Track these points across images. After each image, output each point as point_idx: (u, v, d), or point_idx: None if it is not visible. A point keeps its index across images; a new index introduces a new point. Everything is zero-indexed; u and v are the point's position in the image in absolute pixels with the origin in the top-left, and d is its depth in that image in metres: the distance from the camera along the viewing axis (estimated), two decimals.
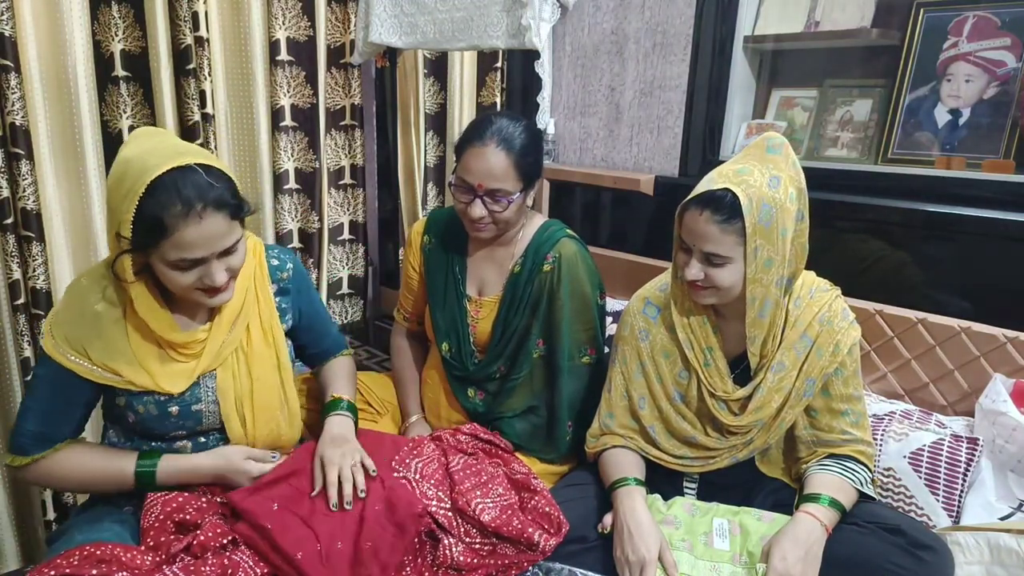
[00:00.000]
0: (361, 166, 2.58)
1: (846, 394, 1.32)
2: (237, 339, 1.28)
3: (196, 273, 1.13)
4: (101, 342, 1.18)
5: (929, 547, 1.17)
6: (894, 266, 1.66)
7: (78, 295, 1.20)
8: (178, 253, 1.09)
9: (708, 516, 1.30)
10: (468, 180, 1.45)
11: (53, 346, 1.18)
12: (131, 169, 1.07)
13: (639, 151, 2.11)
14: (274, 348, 1.32)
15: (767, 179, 1.19)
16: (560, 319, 1.50)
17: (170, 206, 1.05)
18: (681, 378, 1.37)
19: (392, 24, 2.23)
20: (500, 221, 1.49)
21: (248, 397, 1.29)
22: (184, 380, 1.23)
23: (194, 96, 1.94)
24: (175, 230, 1.06)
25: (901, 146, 1.74)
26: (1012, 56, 1.58)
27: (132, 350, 1.19)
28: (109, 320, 1.18)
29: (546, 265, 1.52)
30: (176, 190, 1.06)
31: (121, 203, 1.06)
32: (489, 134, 1.44)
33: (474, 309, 1.60)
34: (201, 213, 1.07)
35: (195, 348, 1.24)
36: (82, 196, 1.87)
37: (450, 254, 1.62)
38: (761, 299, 1.23)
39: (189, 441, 1.28)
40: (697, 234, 1.21)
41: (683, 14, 1.94)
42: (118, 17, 1.87)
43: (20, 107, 1.69)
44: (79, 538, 1.16)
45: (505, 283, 1.57)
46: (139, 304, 1.17)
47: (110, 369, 1.18)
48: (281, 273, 1.37)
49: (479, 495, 1.30)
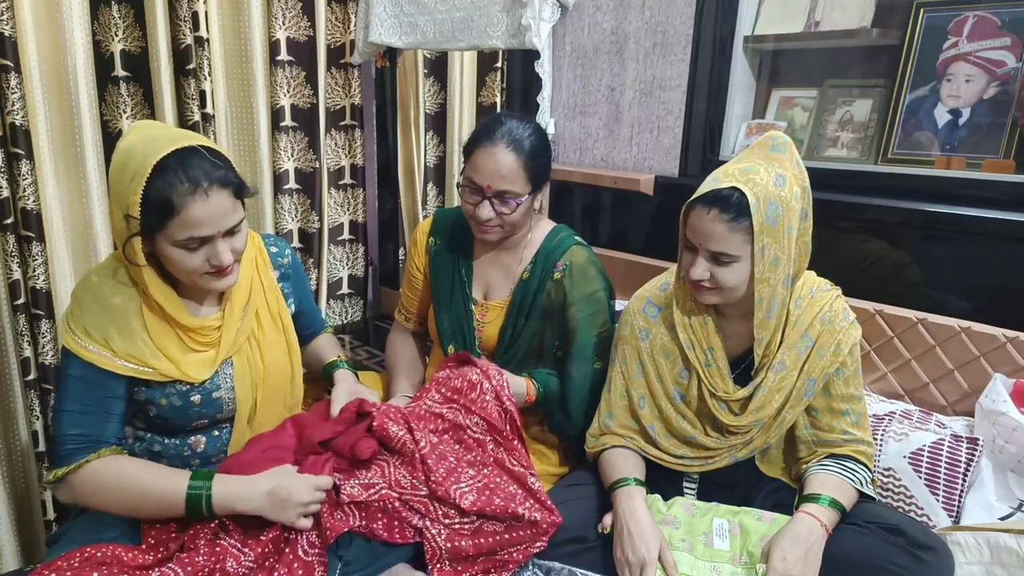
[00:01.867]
0: (361, 166, 2.58)
1: (847, 394, 1.32)
2: (249, 326, 1.30)
3: (203, 254, 1.14)
4: (122, 334, 1.18)
5: (929, 547, 1.17)
6: (894, 266, 1.66)
7: (91, 291, 1.19)
8: (186, 232, 1.10)
9: (708, 516, 1.30)
10: (477, 181, 1.44)
11: (75, 342, 1.17)
12: (134, 154, 1.09)
13: (639, 151, 2.11)
14: (283, 333, 1.36)
15: (773, 177, 1.19)
16: (576, 327, 1.51)
17: (177, 184, 1.08)
18: (681, 378, 1.37)
19: (392, 24, 2.23)
20: (508, 224, 1.48)
21: (261, 383, 1.31)
22: (207, 368, 1.24)
23: (194, 96, 1.94)
24: (183, 208, 1.08)
25: (901, 146, 1.74)
26: (1012, 56, 1.58)
27: (153, 340, 1.19)
28: (127, 312, 1.18)
29: (556, 273, 1.52)
30: (182, 169, 1.08)
31: (128, 186, 1.08)
32: (499, 134, 1.43)
33: (480, 313, 1.59)
34: (207, 191, 1.10)
35: (211, 335, 1.25)
36: (82, 196, 1.87)
37: (456, 256, 1.61)
38: (769, 299, 1.23)
39: (203, 435, 1.29)
40: (704, 233, 1.21)
41: (683, 14, 1.94)
42: (118, 17, 1.87)
43: (20, 107, 1.69)
44: (79, 539, 1.16)
45: (514, 289, 1.57)
46: (152, 289, 1.17)
47: (135, 360, 1.18)
48: (281, 259, 1.40)
49: (452, 480, 1.29)
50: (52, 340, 1.82)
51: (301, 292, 1.46)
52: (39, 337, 1.79)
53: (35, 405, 1.81)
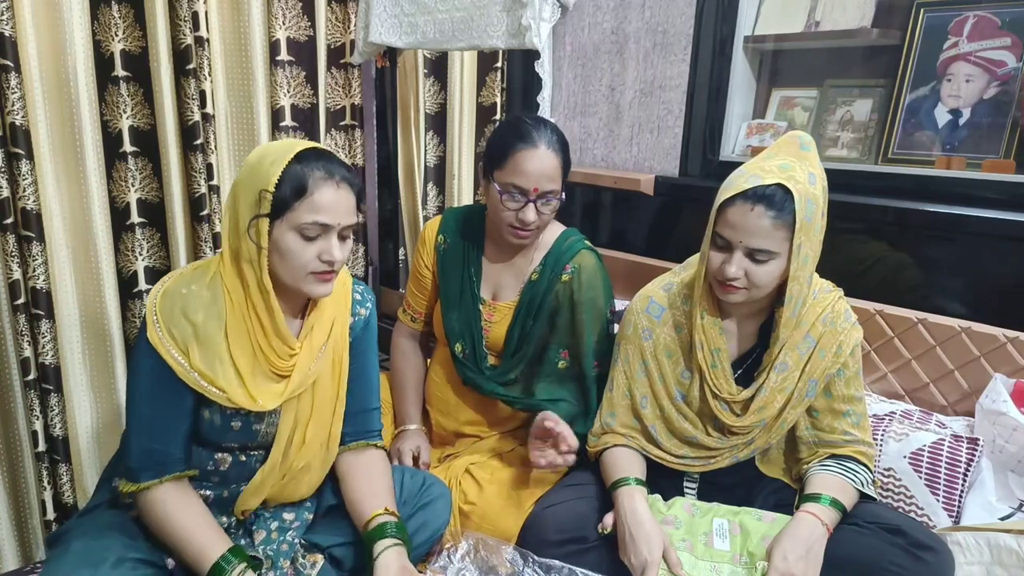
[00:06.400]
0: (361, 166, 2.57)
1: (848, 395, 1.32)
2: (319, 370, 1.28)
3: (317, 248, 1.16)
4: (202, 347, 1.17)
5: (929, 547, 1.18)
6: (894, 266, 1.66)
7: (181, 297, 1.18)
8: (312, 215, 1.14)
9: (708, 516, 1.30)
10: (523, 184, 1.42)
11: (160, 338, 1.15)
12: (274, 147, 1.18)
13: (639, 151, 2.11)
14: (338, 381, 1.32)
15: (807, 175, 1.20)
16: (582, 328, 1.51)
17: (314, 170, 1.15)
18: (683, 378, 1.37)
19: (392, 24, 2.23)
20: (543, 224, 1.49)
21: (304, 426, 1.28)
22: (275, 399, 1.21)
23: (194, 96, 1.93)
24: (315, 190, 1.14)
25: (901, 146, 1.74)
26: (1012, 56, 1.58)
27: (231, 358, 1.18)
28: (211, 326, 1.17)
29: (565, 275, 1.53)
30: (319, 160, 1.17)
31: (268, 168, 1.14)
32: (537, 136, 1.43)
33: (488, 313, 1.59)
34: (339, 183, 1.17)
35: (287, 362, 1.23)
36: (82, 196, 1.87)
37: (466, 255, 1.61)
38: (797, 297, 1.24)
39: (231, 456, 1.26)
40: (747, 230, 1.19)
41: (683, 14, 1.94)
42: (118, 17, 1.87)
43: (20, 107, 1.68)
44: (76, 544, 1.15)
45: (522, 290, 1.57)
46: (254, 285, 1.17)
47: (207, 378, 1.17)
48: (360, 309, 1.37)
49: None
50: (52, 340, 1.81)
51: (359, 351, 1.36)
52: (39, 337, 1.79)
53: (35, 405, 1.80)
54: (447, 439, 1.69)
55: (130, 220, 1.96)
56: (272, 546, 1.27)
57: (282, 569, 1.25)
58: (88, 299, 1.92)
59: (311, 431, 1.29)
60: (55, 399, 1.84)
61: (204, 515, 1.20)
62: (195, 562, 1.16)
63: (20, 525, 1.91)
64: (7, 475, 1.86)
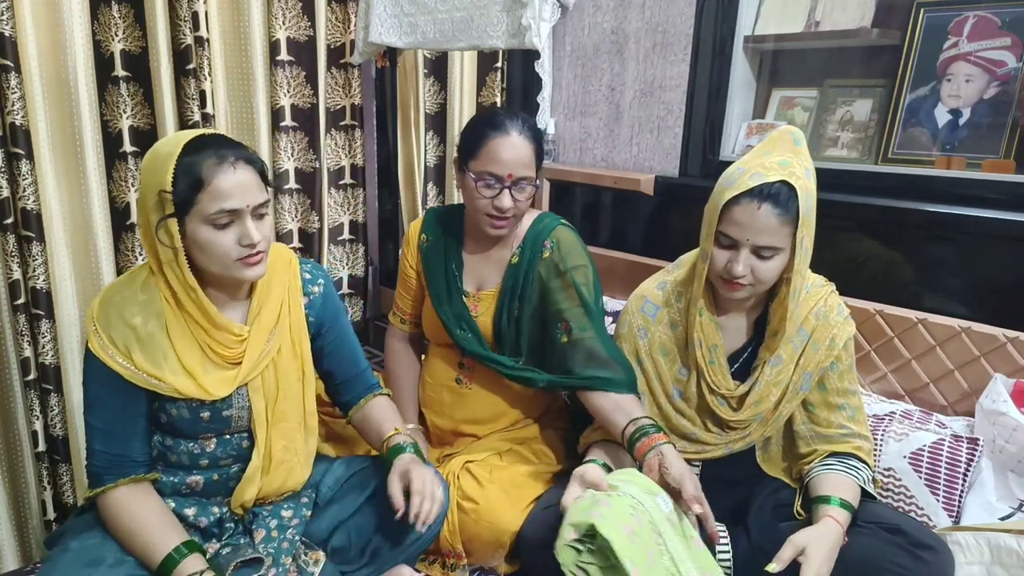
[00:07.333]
0: (361, 166, 2.58)
1: (842, 388, 1.33)
2: (272, 353, 1.29)
3: (233, 234, 1.16)
4: (144, 349, 1.18)
5: (929, 547, 1.18)
6: (894, 266, 1.66)
7: (115, 304, 1.20)
8: (216, 203, 1.13)
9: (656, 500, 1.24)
10: (496, 171, 1.44)
11: (101, 348, 1.18)
12: (165, 142, 1.17)
13: (639, 151, 2.11)
14: (300, 359, 1.34)
15: (804, 170, 1.21)
16: (576, 293, 1.49)
17: (205, 159, 1.14)
18: (680, 375, 1.37)
19: (392, 24, 2.23)
20: (520, 212, 1.49)
21: (272, 406, 1.30)
22: (226, 386, 1.23)
23: (194, 96, 1.93)
24: (212, 179, 1.13)
25: (901, 146, 1.74)
26: (1012, 56, 1.58)
27: (177, 355, 1.19)
28: (151, 327, 1.19)
29: (545, 252, 1.53)
30: (209, 147, 1.16)
31: (161, 165, 1.13)
32: (510, 123, 1.45)
33: (472, 304, 1.60)
34: (234, 164, 1.15)
35: (235, 349, 1.24)
36: (82, 196, 1.87)
37: (447, 251, 1.62)
38: (799, 290, 1.26)
39: (215, 439, 1.28)
40: (754, 227, 1.20)
41: (683, 14, 1.94)
42: (118, 17, 1.87)
43: (20, 107, 1.68)
44: (74, 544, 1.16)
45: (504, 275, 1.57)
46: (181, 285, 1.18)
47: (154, 376, 1.18)
48: (312, 287, 1.38)
49: None
50: (52, 340, 1.82)
51: (329, 322, 1.40)
52: (39, 337, 1.79)
53: (35, 405, 1.81)
54: (445, 439, 1.69)
55: (130, 220, 1.96)
56: (273, 544, 1.28)
57: (284, 567, 1.26)
58: (88, 299, 1.92)
59: (282, 406, 1.31)
60: (55, 399, 1.84)
61: (162, 513, 1.22)
62: (145, 555, 1.16)
63: (20, 525, 1.91)
64: (7, 475, 1.86)
